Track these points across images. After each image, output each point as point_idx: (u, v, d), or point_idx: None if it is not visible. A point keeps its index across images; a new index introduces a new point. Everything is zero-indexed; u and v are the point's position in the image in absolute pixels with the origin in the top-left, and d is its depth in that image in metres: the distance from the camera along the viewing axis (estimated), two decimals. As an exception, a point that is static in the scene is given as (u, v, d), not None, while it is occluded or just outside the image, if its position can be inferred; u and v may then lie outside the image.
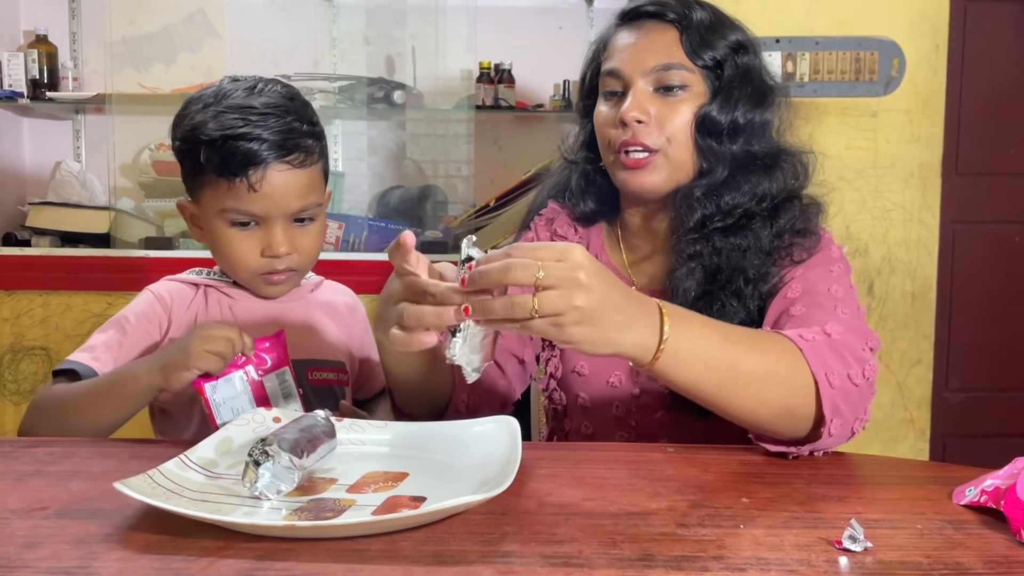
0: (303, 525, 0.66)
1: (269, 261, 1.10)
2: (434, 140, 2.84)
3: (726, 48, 1.10)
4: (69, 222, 2.57)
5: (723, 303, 1.04)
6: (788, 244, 1.06)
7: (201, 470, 0.80)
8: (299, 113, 1.09)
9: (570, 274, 0.73)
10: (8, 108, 2.72)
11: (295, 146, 1.07)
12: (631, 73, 1.09)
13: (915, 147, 2.47)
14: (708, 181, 1.08)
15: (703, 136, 1.08)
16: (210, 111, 1.07)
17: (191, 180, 1.11)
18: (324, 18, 2.83)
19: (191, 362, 0.98)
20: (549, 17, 2.83)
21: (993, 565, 0.64)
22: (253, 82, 1.11)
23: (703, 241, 1.07)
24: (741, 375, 0.84)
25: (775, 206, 1.08)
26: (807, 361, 0.87)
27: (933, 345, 2.53)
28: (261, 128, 1.05)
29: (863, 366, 0.91)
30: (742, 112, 1.08)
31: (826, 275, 1.03)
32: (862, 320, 1.00)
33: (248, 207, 1.06)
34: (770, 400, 0.86)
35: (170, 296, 1.18)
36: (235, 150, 1.04)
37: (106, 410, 1.03)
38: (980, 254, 2.54)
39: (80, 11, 2.80)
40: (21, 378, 2.42)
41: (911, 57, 2.42)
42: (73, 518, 0.71)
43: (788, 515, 0.74)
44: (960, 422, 2.56)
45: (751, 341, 0.87)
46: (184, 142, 1.09)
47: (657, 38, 1.10)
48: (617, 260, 1.19)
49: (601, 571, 0.62)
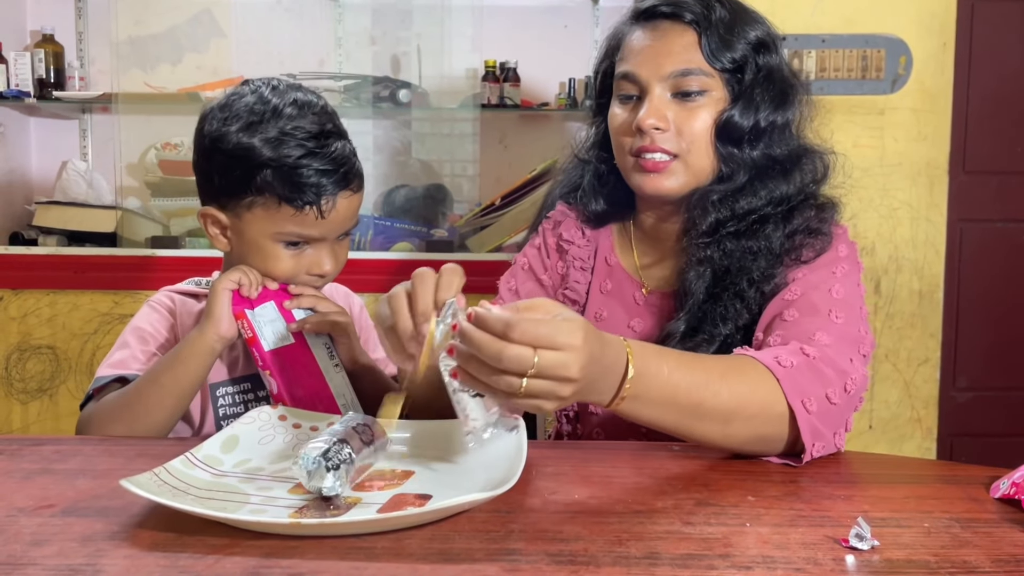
0: (309, 523, 0.66)
1: (312, 278, 1.10)
2: (439, 139, 2.84)
3: (747, 47, 1.06)
4: (76, 221, 2.57)
5: (726, 305, 1.03)
6: (798, 245, 1.04)
7: (207, 468, 0.80)
8: (343, 133, 1.10)
9: (562, 371, 0.72)
10: (15, 108, 2.73)
11: (354, 173, 1.08)
12: (648, 78, 1.06)
13: (922, 145, 2.46)
14: (726, 186, 1.05)
15: (724, 142, 1.06)
16: (259, 133, 1.03)
17: (234, 195, 1.06)
18: (330, 17, 2.83)
19: (219, 286, 1.05)
20: (555, 15, 2.83)
21: (1001, 563, 0.64)
22: (292, 96, 1.07)
23: (714, 245, 1.05)
24: (704, 414, 0.85)
25: (790, 208, 1.06)
26: (783, 391, 0.87)
27: (940, 344, 2.52)
28: (327, 160, 1.05)
29: (844, 380, 0.90)
30: (764, 115, 1.06)
31: (828, 276, 1.01)
32: (861, 322, 0.98)
33: (309, 232, 1.06)
34: (736, 433, 0.87)
35: (171, 300, 1.18)
36: (305, 180, 1.03)
37: (170, 390, 1.03)
38: (987, 252, 2.53)
39: (86, 11, 2.81)
40: (28, 377, 2.43)
41: (918, 55, 2.41)
42: (80, 516, 0.71)
43: (794, 514, 0.73)
44: (967, 421, 2.55)
45: (722, 378, 0.86)
46: (232, 159, 1.04)
47: (675, 41, 1.06)
48: (628, 262, 1.17)
49: (607, 569, 0.61)
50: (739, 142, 1.06)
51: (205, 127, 1.08)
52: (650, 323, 1.12)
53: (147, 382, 1.04)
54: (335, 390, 1.09)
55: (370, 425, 0.81)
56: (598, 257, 1.19)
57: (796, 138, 1.10)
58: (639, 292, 1.14)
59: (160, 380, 1.04)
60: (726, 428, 0.86)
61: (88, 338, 2.42)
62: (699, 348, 1.02)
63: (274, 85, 1.09)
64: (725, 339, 1.02)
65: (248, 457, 0.85)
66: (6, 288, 2.41)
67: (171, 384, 1.03)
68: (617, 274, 1.16)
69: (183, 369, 1.03)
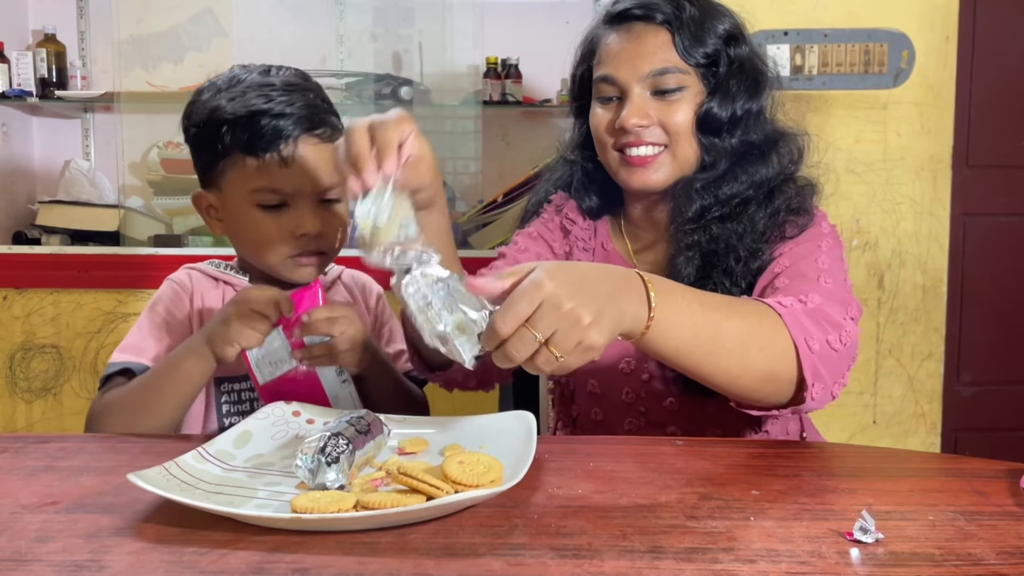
0: (310, 518, 0.66)
1: (300, 242, 1.07)
2: (441, 136, 2.84)
3: (718, 41, 1.10)
4: (79, 220, 2.58)
5: (715, 284, 1.05)
6: (781, 223, 1.08)
7: (218, 462, 0.80)
8: (317, 91, 1.10)
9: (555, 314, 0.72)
10: (17, 107, 2.73)
11: (321, 120, 1.07)
12: (626, 79, 1.09)
13: (925, 139, 2.45)
14: (708, 174, 1.09)
15: (705, 133, 1.09)
16: (225, 94, 1.06)
17: (211, 166, 1.09)
18: (331, 15, 2.83)
19: (233, 338, 0.98)
20: (556, 12, 2.82)
21: (1005, 556, 0.64)
22: (265, 67, 1.11)
23: (701, 230, 1.08)
24: (724, 340, 0.85)
25: (771, 190, 1.09)
26: (786, 326, 0.89)
27: (944, 339, 2.51)
28: (285, 104, 1.04)
29: (839, 331, 0.93)
30: (740, 104, 1.09)
31: (814, 249, 1.05)
32: (847, 291, 1.01)
33: (279, 184, 1.05)
34: (753, 365, 0.87)
35: (190, 279, 1.18)
36: (263, 125, 1.03)
37: (170, 398, 1.03)
38: (991, 247, 2.52)
39: (88, 10, 2.81)
40: (32, 376, 2.44)
41: (921, 49, 2.41)
42: (84, 512, 0.71)
43: (798, 507, 0.73)
44: (972, 416, 2.55)
45: (730, 307, 0.88)
46: (203, 127, 1.07)
47: (649, 42, 1.09)
48: (622, 248, 1.21)
49: (611, 563, 0.61)
50: (719, 131, 1.09)
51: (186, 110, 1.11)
52: None
53: (150, 390, 1.03)
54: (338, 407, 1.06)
55: (365, 416, 0.81)
56: (596, 241, 1.22)
57: (770, 123, 1.13)
58: None
59: (161, 392, 1.03)
60: (744, 358, 0.86)
61: (92, 337, 2.42)
62: None
63: (245, 64, 1.11)
64: None
65: (260, 452, 0.86)
66: (10, 287, 2.41)
67: (171, 398, 1.03)
68: (613, 259, 1.19)
69: (183, 387, 1.03)
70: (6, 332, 2.42)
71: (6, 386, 2.44)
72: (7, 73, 2.62)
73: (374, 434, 0.81)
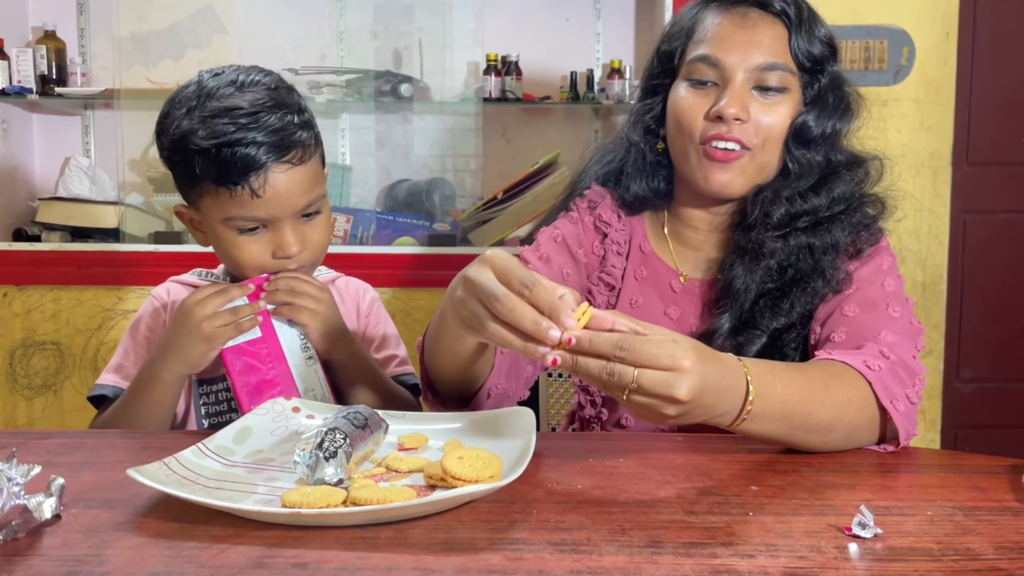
0: (308, 513, 0.66)
1: (281, 262, 1.07)
2: (442, 133, 2.84)
3: (825, 48, 1.07)
4: (79, 217, 2.58)
5: (791, 300, 1.04)
6: (854, 241, 1.07)
7: (218, 458, 0.81)
8: (288, 104, 1.05)
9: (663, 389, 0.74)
10: (17, 104, 2.73)
11: (292, 144, 1.03)
12: (733, 66, 1.04)
13: (925, 136, 2.45)
14: (797, 184, 1.06)
15: (796, 143, 1.06)
16: (196, 116, 1.02)
17: (187, 188, 1.07)
18: (331, 12, 2.83)
19: (213, 342, 1.02)
20: (556, 9, 2.82)
21: (1004, 551, 0.64)
22: (234, 75, 1.06)
23: (781, 239, 1.05)
24: (812, 425, 0.87)
25: (849, 207, 1.08)
26: (876, 395, 0.90)
27: (944, 335, 2.51)
28: (255, 131, 1.00)
29: (914, 379, 0.95)
30: (832, 122, 1.07)
31: (877, 270, 1.05)
32: (911, 313, 1.02)
33: (254, 213, 1.03)
34: (834, 439, 0.90)
35: (168, 295, 1.18)
36: (231, 158, 1.00)
37: (148, 414, 1.06)
38: (991, 244, 2.52)
39: (88, 7, 2.81)
40: (32, 373, 2.44)
41: (921, 46, 2.41)
42: (84, 507, 0.71)
43: (797, 502, 0.73)
44: (971, 413, 2.55)
45: (825, 389, 0.88)
46: (174, 152, 1.04)
47: (764, 32, 1.05)
48: (663, 250, 1.16)
49: (610, 558, 0.62)
50: (809, 144, 1.07)
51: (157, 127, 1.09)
52: (688, 311, 1.12)
53: (129, 411, 1.07)
54: (303, 384, 1.07)
55: (362, 411, 0.81)
56: (632, 244, 1.17)
57: (847, 147, 1.12)
58: (676, 280, 1.14)
59: (139, 412, 1.06)
60: (827, 436, 0.88)
61: (92, 334, 2.42)
62: (749, 343, 1.03)
63: (217, 72, 1.08)
64: (774, 333, 1.04)
65: (260, 448, 0.86)
66: (10, 284, 2.42)
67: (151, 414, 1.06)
68: (652, 261, 1.15)
69: (159, 403, 1.06)
70: (6, 329, 2.43)
71: (6, 383, 2.44)
72: (7, 70, 2.62)
73: (372, 429, 0.81)
